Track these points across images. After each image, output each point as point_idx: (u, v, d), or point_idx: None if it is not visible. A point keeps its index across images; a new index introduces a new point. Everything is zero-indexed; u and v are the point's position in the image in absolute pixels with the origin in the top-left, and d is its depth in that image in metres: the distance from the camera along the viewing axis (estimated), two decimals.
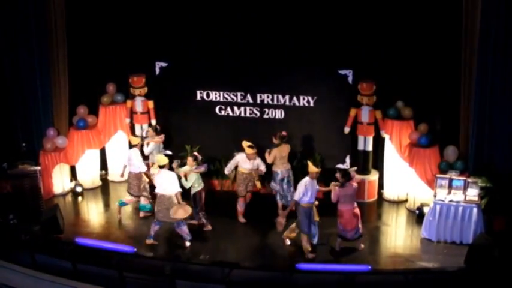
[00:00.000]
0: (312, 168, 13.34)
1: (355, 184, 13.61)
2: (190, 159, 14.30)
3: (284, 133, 14.98)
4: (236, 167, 15.10)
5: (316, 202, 13.53)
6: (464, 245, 13.48)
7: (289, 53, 15.76)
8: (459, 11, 14.13)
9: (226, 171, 15.28)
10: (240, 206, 15.03)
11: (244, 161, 14.86)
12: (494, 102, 14.06)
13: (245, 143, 14.72)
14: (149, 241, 13.94)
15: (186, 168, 14.29)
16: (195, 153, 14.76)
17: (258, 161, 14.92)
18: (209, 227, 14.55)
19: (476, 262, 12.45)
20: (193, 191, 14.33)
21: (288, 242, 13.87)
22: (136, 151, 14.92)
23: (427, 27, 14.80)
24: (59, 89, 16.44)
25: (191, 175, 14.18)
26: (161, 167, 13.81)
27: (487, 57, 13.87)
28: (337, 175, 13.54)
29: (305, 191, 13.20)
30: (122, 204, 15.12)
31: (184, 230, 13.84)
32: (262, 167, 14.99)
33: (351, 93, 15.55)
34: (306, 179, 13.32)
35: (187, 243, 13.86)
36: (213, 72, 16.32)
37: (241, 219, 15.03)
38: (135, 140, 15.03)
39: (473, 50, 14.08)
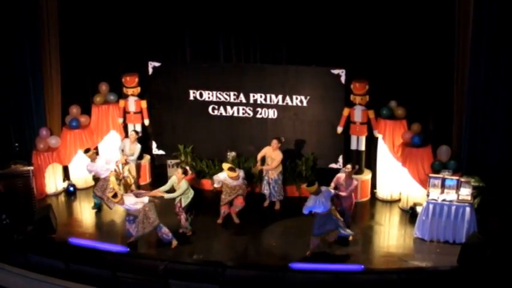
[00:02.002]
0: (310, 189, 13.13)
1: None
2: (179, 172, 14.17)
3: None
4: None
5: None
6: (457, 244, 13.51)
7: (282, 52, 15.79)
8: (452, 11, 14.17)
9: (215, 184, 14.94)
10: (222, 212, 14.90)
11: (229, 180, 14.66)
12: (487, 101, 14.11)
13: (225, 165, 14.60)
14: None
15: (173, 179, 14.25)
16: (187, 167, 14.73)
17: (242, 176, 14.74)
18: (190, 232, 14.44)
19: (469, 261, 12.48)
20: (186, 201, 14.25)
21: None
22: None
23: (420, 26, 14.84)
24: (51, 89, 16.40)
25: (182, 183, 14.10)
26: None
27: (479, 57, 13.91)
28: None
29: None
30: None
31: (164, 230, 13.77)
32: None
33: (343, 93, 15.56)
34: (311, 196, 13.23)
35: (174, 243, 13.82)
36: (206, 71, 16.31)
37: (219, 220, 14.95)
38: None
39: (465, 49, 14.12)
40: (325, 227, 13.19)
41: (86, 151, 15.21)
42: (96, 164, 15.17)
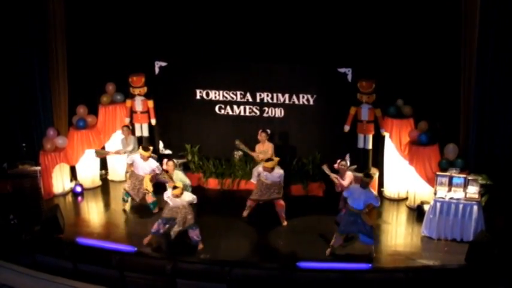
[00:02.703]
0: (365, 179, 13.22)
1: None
2: (169, 164, 14.32)
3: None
4: None
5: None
6: (465, 242, 13.50)
7: (289, 51, 15.76)
8: (458, 10, 14.13)
9: (252, 179, 15.02)
10: (248, 206, 14.95)
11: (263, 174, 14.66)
12: (494, 99, 14.07)
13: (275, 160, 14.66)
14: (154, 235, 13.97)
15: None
16: (173, 159, 14.77)
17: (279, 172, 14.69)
18: None
19: (477, 259, 12.46)
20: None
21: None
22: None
23: (427, 24, 14.81)
24: (58, 89, 16.44)
25: (176, 172, 14.32)
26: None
27: (486, 54, 13.86)
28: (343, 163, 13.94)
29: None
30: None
31: (197, 232, 13.71)
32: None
33: (350, 92, 15.54)
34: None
35: (201, 245, 13.74)
36: (213, 71, 16.34)
37: (244, 214, 15.02)
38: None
39: (472, 47, 14.08)
40: (351, 227, 13.20)
41: (145, 149, 15.13)
42: (144, 163, 15.12)
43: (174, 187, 13.38)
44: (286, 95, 16.09)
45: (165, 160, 14.72)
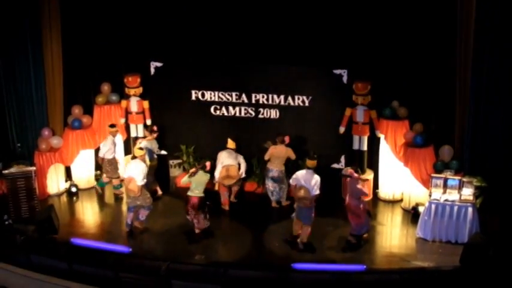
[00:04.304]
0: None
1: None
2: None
3: (286, 138, 15.29)
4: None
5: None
6: (460, 244, 13.51)
7: (285, 52, 15.76)
8: (454, 11, 14.15)
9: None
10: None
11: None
12: (489, 101, 14.07)
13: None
14: (127, 228, 14.42)
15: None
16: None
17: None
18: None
19: (472, 261, 12.47)
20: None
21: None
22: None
23: (423, 26, 14.81)
24: (53, 89, 16.41)
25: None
26: (133, 158, 14.50)
27: (482, 56, 13.87)
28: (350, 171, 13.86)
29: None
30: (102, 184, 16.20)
31: (130, 215, 14.33)
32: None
33: (346, 93, 15.56)
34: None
35: (127, 229, 14.37)
36: (208, 72, 16.33)
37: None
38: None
39: (468, 49, 14.09)
40: None
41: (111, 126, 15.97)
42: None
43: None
44: (282, 96, 16.09)
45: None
